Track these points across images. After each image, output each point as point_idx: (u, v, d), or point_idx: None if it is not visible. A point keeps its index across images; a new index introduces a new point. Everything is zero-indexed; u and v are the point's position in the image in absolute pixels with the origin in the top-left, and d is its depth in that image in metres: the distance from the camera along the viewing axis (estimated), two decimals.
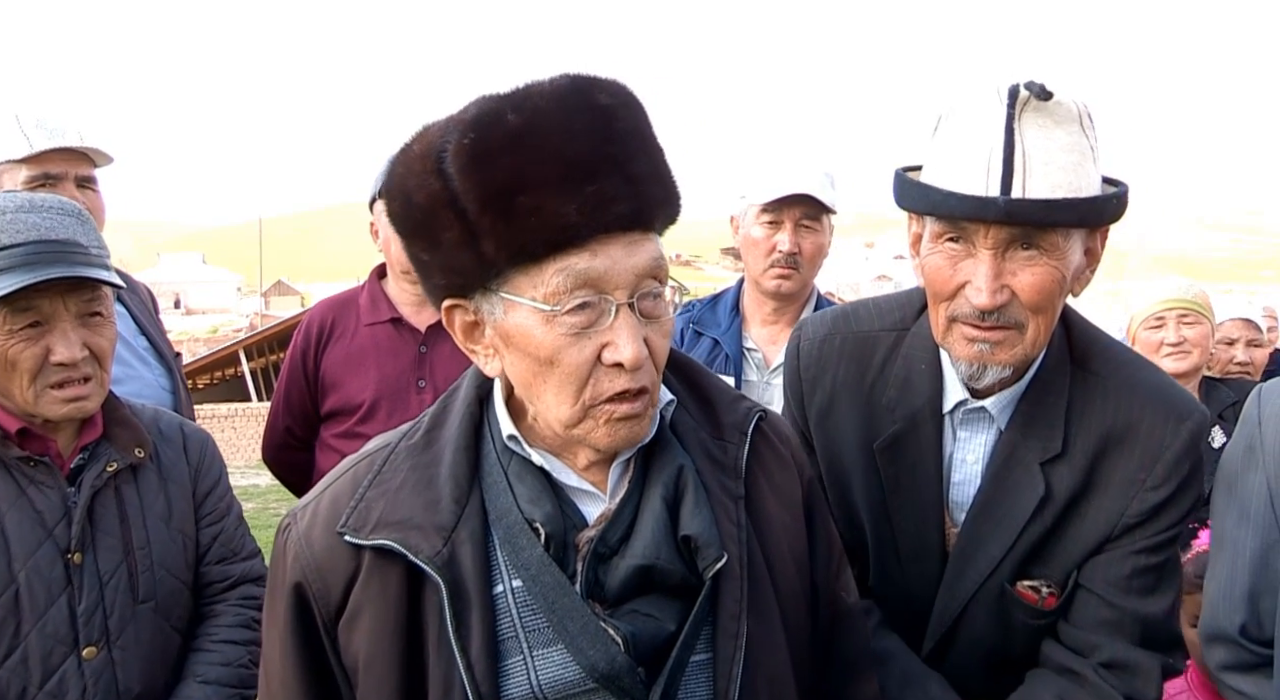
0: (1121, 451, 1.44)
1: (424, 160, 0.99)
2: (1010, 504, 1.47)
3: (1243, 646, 1.44)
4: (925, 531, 1.54)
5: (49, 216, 1.61)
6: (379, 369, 2.61)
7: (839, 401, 1.58)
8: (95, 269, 1.62)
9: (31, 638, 1.58)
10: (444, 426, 1.13)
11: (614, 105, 1.00)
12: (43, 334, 1.61)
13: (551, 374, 1.01)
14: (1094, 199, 1.30)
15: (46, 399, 1.62)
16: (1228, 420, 2.87)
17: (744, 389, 2.58)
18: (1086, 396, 1.46)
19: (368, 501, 1.07)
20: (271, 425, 2.79)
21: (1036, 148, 1.28)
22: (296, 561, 1.08)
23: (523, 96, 0.97)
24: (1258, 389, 1.50)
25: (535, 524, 1.05)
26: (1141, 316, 3.06)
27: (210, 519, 1.85)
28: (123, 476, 1.73)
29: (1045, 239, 1.31)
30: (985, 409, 1.49)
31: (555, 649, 1.03)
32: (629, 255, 0.99)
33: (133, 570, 1.69)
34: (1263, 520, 1.43)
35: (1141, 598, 1.45)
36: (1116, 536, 1.45)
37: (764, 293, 2.61)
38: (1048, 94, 1.28)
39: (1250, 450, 1.45)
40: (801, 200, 2.49)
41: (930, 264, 1.39)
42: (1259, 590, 1.42)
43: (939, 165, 1.35)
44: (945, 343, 1.44)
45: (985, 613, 1.52)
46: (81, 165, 2.40)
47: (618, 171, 0.98)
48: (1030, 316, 1.35)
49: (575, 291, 0.97)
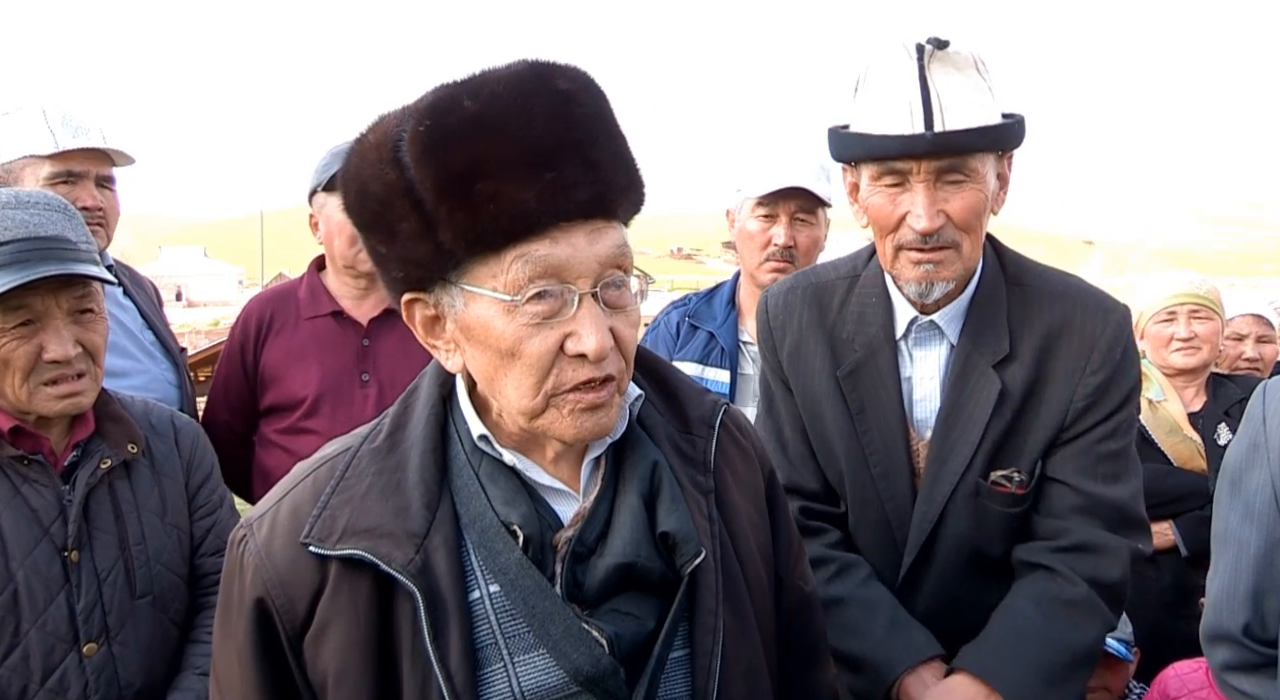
0: (1061, 345, 1.65)
1: (379, 149, 0.96)
2: (972, 406, 1.64)
3: (1246, 646, 1.43)
4: (893, 448, 1.69)
5: (36, 213, 1.59)
6: (321, 363, 2.55)
7: (805, 342, 1.76)
8: (86, 265, 1.61)
9: (31, 636, 1.59)
10: (407, 427, 1.08)
11: (573, 90, 0.97)
12: (35, 332, 1.60)
13: (513, 366, 0.98)
14: (1002, 125, 1.55)
15: (40, 396, 1.62)
16: (1234, 417, 2.85)
17: (739, 382, 2.57)
18: (1024, 304, 1.67)
19: (332, 509, 1.02)
20: (209, 422, 2.67)
21: (946, 88, 1.51)
22: (257, 575, 1.02)
23: (479, 82, 0.95)
24: (1262, 386, 1.48)
25: (512, 526, 1.02)
26: (1152, 311, 3.03)
27: (204, 511, 1.85)
28: (116, 472, 1.72)
29: (966, 166, 1.54)
30: (935, 323, 1.68)
31: (537, 654, 1.01)
32: (591, 243, 0.96)
33: (129, 566, 1.69)
34: (1267, 519, 1.41)
35: (1105, 484, 1.63)
36: (1070, 423, 1.64)
37: (759, 286, 2.58)
38: (944, 43, 1.51)
39: (1254, 448, 1.44)
40: (796, 194, 2.48)
41: (872, 204, 1.60)
42: (1263, 589, 1.41)
43: (866, 117, 1.57)
44: (893, 270, 1.65)
45: (963, 511, 1.66)
46: (102, 165, 2.41)
47: (578, 157, 0.95)
48: (963, 235, 1.58)
49: (535, 280, 0.94)
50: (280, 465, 2.39)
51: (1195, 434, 2.89)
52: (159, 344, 2.50)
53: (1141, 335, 3.04)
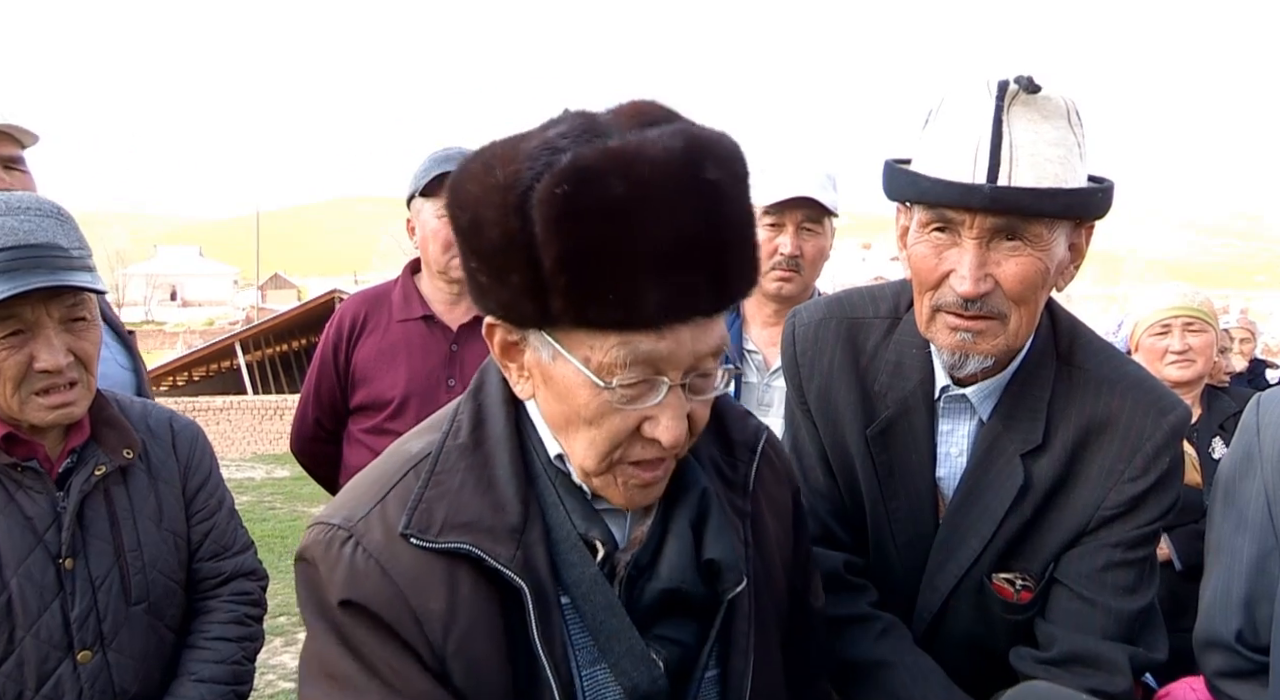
0: (1101, 442, 1.44)
1: (505, 193, 0.89)
2: (990, 496, 1.47)
3: (1239, 653, 1.44)
4: (920, 518, 1.54)
5: (28, 219, 1.56)
6: (410, 366, 2.60)
7: (836, 388, 1.58)
8: (78, 274, 1.59)
9: (26, 643, 1.58)
10: (486, 425, 1.06)
11: (723, 182, 0.91)
12: (25, 341, 1.57)
13: (586, 430, 0.97)
14: (1079, 190, 1.32)
15: (32, 406, 1.59)
16: (1229, 430, 2.87)
17: (744, 391, 2.59)
18: (1069, 389, 1.47)
19: (428, 502, 1.00)
20: (301, 417, 2.79)
21: (1024, 140, 1.30)
22: (386, 577, 0.97)
23: (631, 159, 0.87)
24: (1256, 398, 1.50)
25: (593, 541, 1.03)
26: (1146, 323, 3.04)
27: (201, 516, 1.83)
28: (112, 479, 1.71)
29: (1029, 229, 1.32)
30: (966, 398, 1.49)
31: (599, 668, 1.02)
32: (694, 340, 0.94)
33: (125, 573, 1.68)
34: (1260, 527, 1.42)
35: (1117, 596, 1.44)
36: (1093, 529, 1.45)
37: (765, 295, 2.61)
38: (1036, 88, 1.30)
39: (1248, 458, 1.45)
40: (803, 203, 2.49)
41: (916, 253, 1.40)
42: (1255, 597, 1.42)
43: (928, 156, 1.37)
44: (928, 332, 1.45)
45: (966, 606, 1.52)
46: (5, 145, 2.26)
47: (711, 262, 0.91)
48: (1013, 307, 1.36)
49: (631, 368, 0.92)
50: (365, 464, 2.40)
51: (1190, 447, 2.91)
52: (109, 328, 2.40)
53: (1136, 348, 3.06)
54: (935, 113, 1.40)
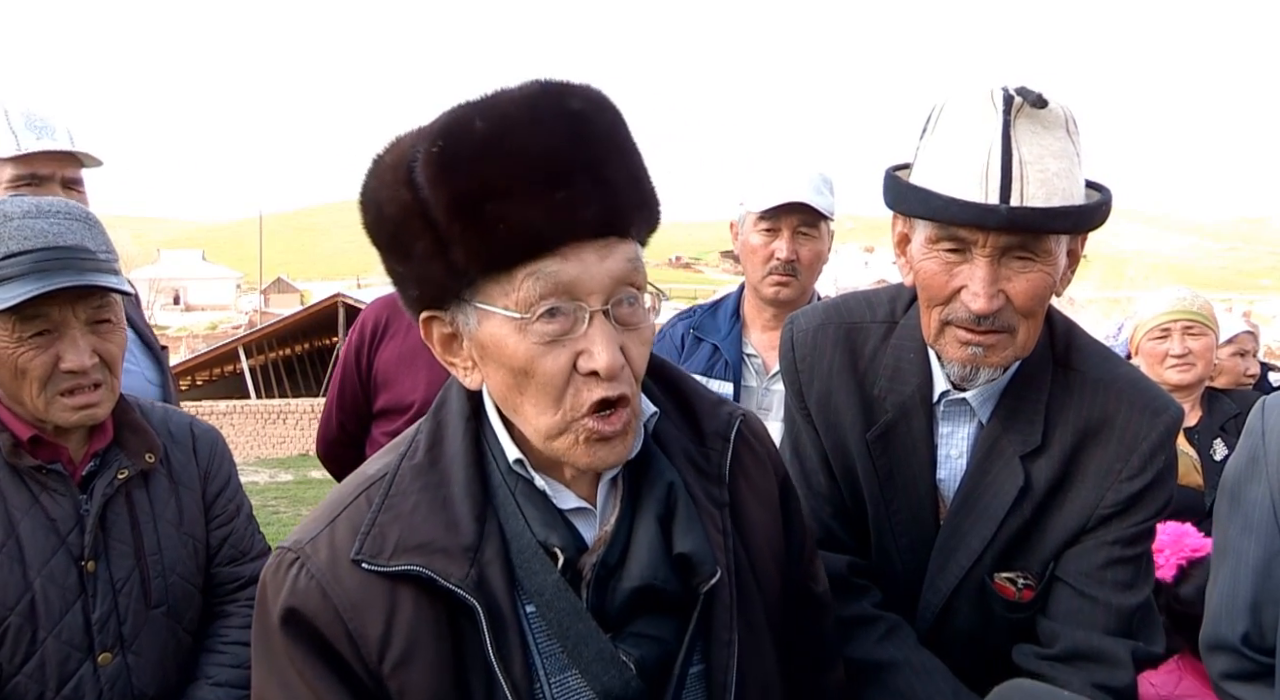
0: (1099, 443, 1.47)
1: (395, 170, 0.97)
2: (990, 497, 1.49)
3: (1244, 655, 1.45)
4: (921, 519, 1.56)
5: (56, 222, 1.59)
6: (429, 370, 2.60)
7: (835, 392, 1.60)
8: (104, 276, 1.61)
9: (48, 644, 1.59)
10: (444, 443, 1.08)
11: (586, 109, 0.97)
12: (52, 341, 1.59)
13: (528, 384, 0.98)
14: (1086, 207, 1.35)
15: (57, 406, 1.61)
16: (1230, 432, 2.88)
17: (743, 395, 2.59)
18: (1066, 391, 1.50)
19: (381, 526, 1.01)
20: (326, 421, 2.80)
21: (1031, 155, 1.31)
22: (326, 600, 0.99)
23: (491, 103, 0.95)
24: (1261, 401, 1.51)
25: (553, 548, 1.03)
26: (1146, 327, 3.06)
27: (220, 520, 1.85)
28: (134, 482, 1.72)
29: (1040, 245, 1.35)
30: (966, 401, 1.52)
31: (570, 674, 1.02)
32: (601, 260, 0.96)
33: (145, 576, 1.69)
34: (1265, 530, 1.44)
35: (1115, 591, 1.47)
36: (1092, 528, 1.48)
37: (763, 300, 2.62)
38: (1043, 102, 1.31)
39: (1254, 461, 1.47)
40: (798, 208, 2.49)
41: (925, 269, 1.42)
42: (1261, 600, 1.43)
43: (931, 168, 1.37)
44: (937, 345, 1.47)
45: (968, 606, 1.54)
46: (69, 167, 2.34)
47: (588, 175, 0.95)
48: (1021, 320, 1.40)
49: (546, 297, 0.95)
50: None
51: (1191, 449, 2.92)
52: (140, 341, 2.47)
53: (1136, 351, 3.07)
54: (936, 121, 1.40)
